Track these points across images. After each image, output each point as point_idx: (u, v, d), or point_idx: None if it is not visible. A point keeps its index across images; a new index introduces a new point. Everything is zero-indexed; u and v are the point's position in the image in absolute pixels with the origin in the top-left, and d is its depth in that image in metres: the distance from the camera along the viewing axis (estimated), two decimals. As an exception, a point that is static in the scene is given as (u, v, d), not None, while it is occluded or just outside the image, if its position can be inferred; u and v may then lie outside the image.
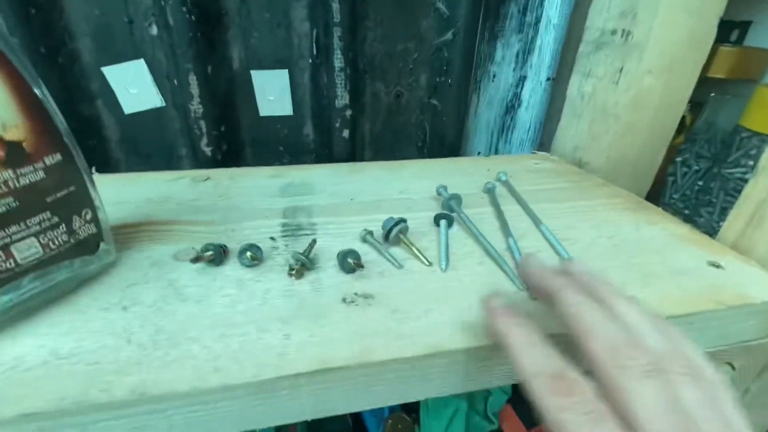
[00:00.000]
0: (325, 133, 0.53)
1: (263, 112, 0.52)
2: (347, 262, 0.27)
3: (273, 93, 0.50)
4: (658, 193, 0.53)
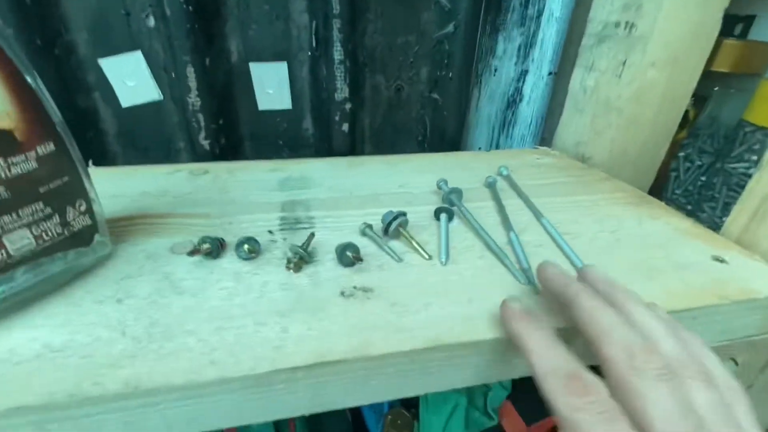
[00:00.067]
0: (325, 127, 0.52)
1: (262, 105, 0.51)
2: (346, 255, 0.27)
3: (272, 86, 0.50)
4: (660, 189, 0.53)
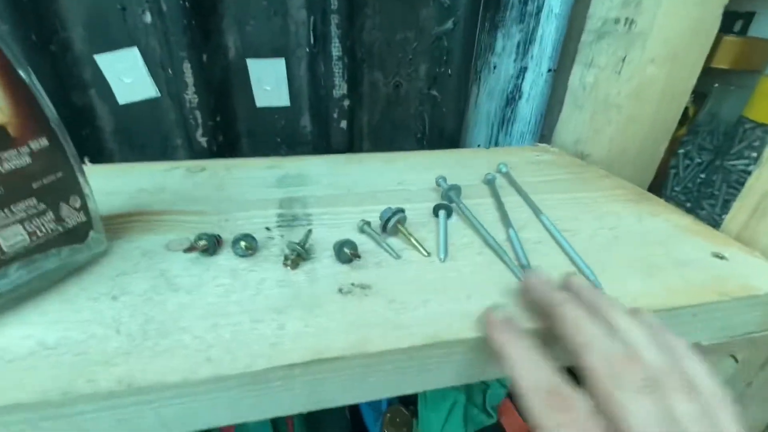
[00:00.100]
0: (323, 124, 0.52)
1: (260, 102, 0.51)
2: (344, 252, 0.27)
3: (269, 83, 0.49)
4: (659, 186, 0.53)
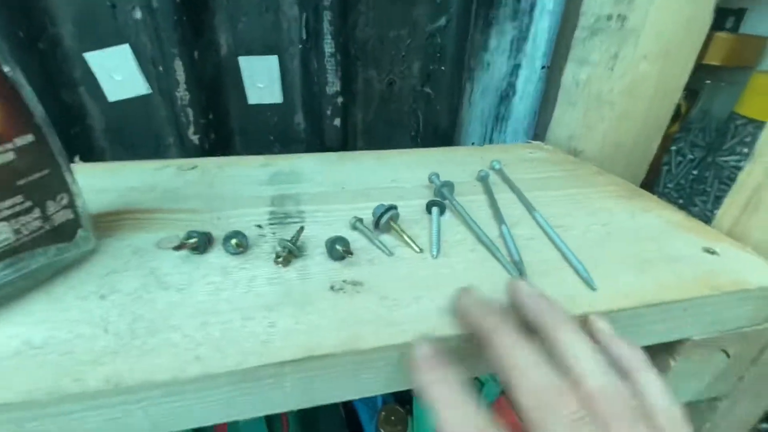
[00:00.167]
0: (316, 122, 0.52)
1: (252, 99, 0.50)
2: (336, 249, 0.27)
3: (262, 80, 0.49)
4: (652, 183, 0.53)
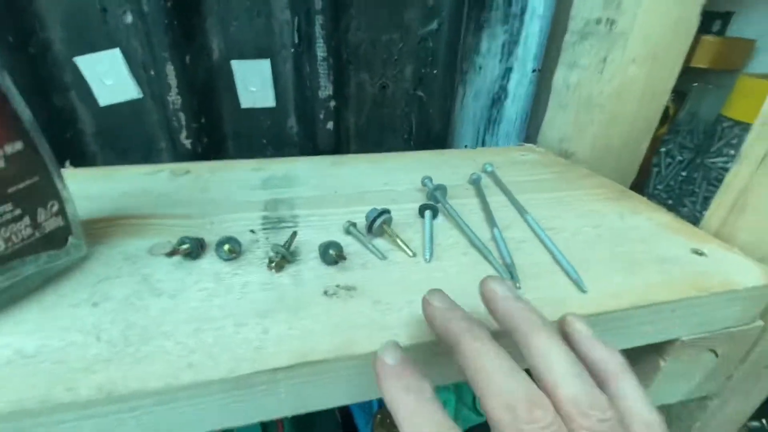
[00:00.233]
0: (309, 126, 0.52)
1: (245, 103, 0.50)
2: (329, 254, 0.27)
3: (254, 84, 0.49)
4: (642, 184, 0.54)
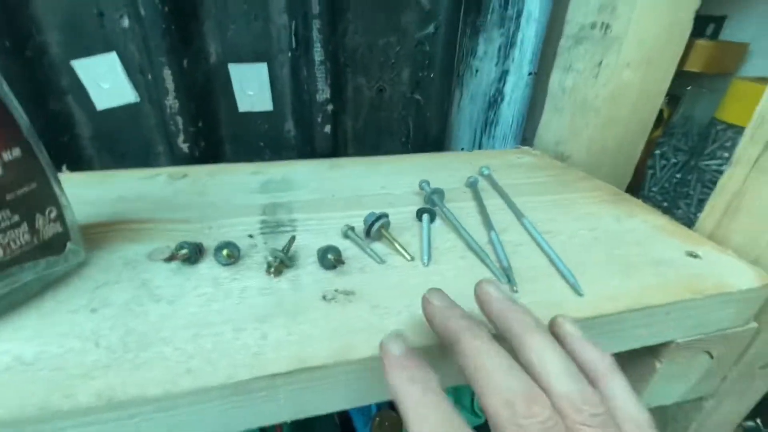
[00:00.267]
0: (307, 129, 0.52)
1: (242, 107, 0.50)
2: (327, 258, 0.27)
3: (252, 87, 0.49)
4: (637, 186, 0.54)
